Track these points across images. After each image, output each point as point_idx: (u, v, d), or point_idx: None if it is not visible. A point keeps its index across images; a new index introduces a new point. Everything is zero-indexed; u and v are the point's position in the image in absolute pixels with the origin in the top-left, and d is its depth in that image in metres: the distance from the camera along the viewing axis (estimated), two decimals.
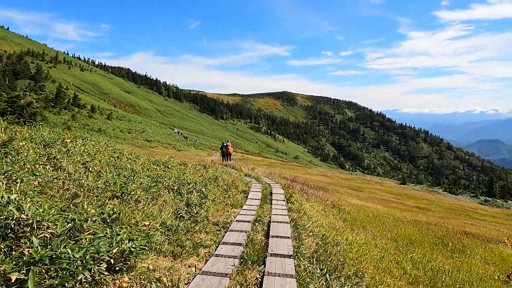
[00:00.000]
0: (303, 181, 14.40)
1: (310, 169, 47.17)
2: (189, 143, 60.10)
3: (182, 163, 9.10)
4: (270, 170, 27.40)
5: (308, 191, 9.23)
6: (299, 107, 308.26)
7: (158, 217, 3.74)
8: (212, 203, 5.57)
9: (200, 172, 8.16)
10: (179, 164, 8.88)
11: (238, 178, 9.06)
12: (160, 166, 7.61)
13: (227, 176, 8.32)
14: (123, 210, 3.26)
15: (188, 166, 8.91)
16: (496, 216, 22.82)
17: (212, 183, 7.04)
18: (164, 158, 8.17)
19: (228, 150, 22.25)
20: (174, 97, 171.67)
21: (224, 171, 9.46)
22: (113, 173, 5.14)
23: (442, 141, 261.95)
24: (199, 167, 9.30)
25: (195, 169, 8.76)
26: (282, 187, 9.06)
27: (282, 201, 7.00)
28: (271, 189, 8.62)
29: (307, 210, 6.15)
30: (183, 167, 8.43)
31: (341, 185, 26.18)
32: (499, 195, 62.45)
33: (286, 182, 10.44)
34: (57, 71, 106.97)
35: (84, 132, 46.09)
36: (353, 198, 15.03)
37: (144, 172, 6.09)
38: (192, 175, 7.37)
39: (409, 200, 23.21)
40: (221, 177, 7.81)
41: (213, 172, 8.45)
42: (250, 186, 8.69)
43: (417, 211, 15.30)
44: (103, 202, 3.37)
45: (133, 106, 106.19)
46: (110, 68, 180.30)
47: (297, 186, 9.74)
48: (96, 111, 65.33)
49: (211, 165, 10.88)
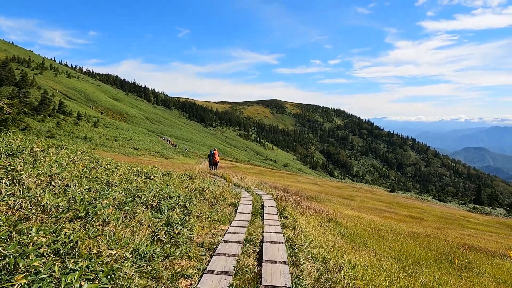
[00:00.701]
0: (295, 191, 13.86)
1: (300, 177, 46.70)
2: (177, 151, 59.15)
3: (166, 173, 8.43)
4: (260, 179, 26.81)
5: (302, 202, 8.66)
6: (288, 114, 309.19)
7: (130, 243, 3.09)
8: (197, 220, 4.94)
9: (186, 183, 7.52)
10: (163, 174, 8.22)
11: (227, 189, 8.44)
12: (141, 177, 6.95)
13: (215, 187, 7.70)
14: (82, 237, 2.62)
15: (173, 177, 8.26)
16: (488, 225, 22.61)
17: (198, 196, 6.41)
18: (147, 168, 7.52)
19: (215, 158, 21.84)
20: (163, 105, 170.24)
21: (211, 182, 8.82)
22: (83, 186, 4.50)
23: (429, 149, 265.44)
24: (185, 177, 8.64)
25: (181, 179, 8.11)
26: (274, 198, 8.46)
27: (275, 215, 6.41)
28: (262, 201, 8.01)
29: (303, 226, 5.58)
30: (167, 177, 7.77)
31: (332, 194, 25.72)
32: (486, 202, 62.98)
33: (278, 193, 9.87)
34: (43, 78, 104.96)
35: (69, 139, 44.93)
36: (347, 209, 14.53)
37: (122, 184, 5.44)
38: (176, 187, 6.74)
39: (401, 209, 22.85)
40: (208, 188, 7.18)
41: (199, 183, 7.80)
42: (239, 197, 8.09)
43: (411, 221, 14.87)
44: (60, 226, 2.74)
45: (121, 114, 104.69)
46: (98, 75, 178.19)
47: (289, 197, 9.17)
48: (82, 118, 63.97)
49: (198, 175, 10.25)
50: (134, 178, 6.41)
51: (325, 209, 9.35)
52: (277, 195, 8.96)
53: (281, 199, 8.25)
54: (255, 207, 7.09)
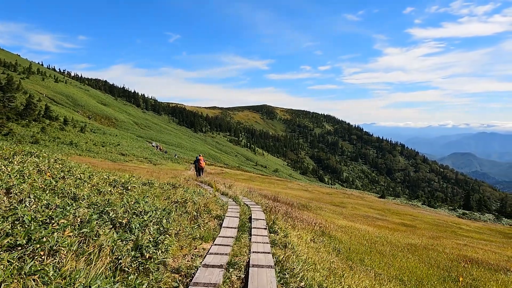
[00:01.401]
0: (286, 200, 13.31)
1: (291, 183, 46.23)
2: (166, 157, 58.18)
3: (147, 182, 7.79)
4: (250, 185, 26.20)
5: (293, 213, 8.10)
6: (278, 120, 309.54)
7: (80, 278, 2.47)
8: (175, 239, 4.33)
9: (167, 194, 6.90)
10: (143, 184, 7.58)
11: (212, 199, 7.83)
12: (117, 187, 6.32)
13: (199, 198, 7.09)
14: (7, 278, 2.01)
15: (155, 186, 7.63)
16: (480, 232, 22.36)
17: (179, 209, 5.80)
18: (125, 177, 6.89)
19: (201, 164, 21.49)
20: (153, 110, 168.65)
21: (196, 191, 8.19)
22: (41, 201, 3.88)
23: (417, 154, 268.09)
24: (167, 187, 8.01)
25: (163, 189, 7.49)
26: (263, 209, 7.84)
27: (264, 230, 5.84)
28: (250, 212, 7.41)
29: (294, 244, 5.02)
30: (148, 187, 7.15)
31: (323, 201, 25.26)
32: (475, 208, 63.43)
33: (267, 203, 9.29)
34: (30, 82, 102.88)
35: (54, 145, 43.70)
36: (339, 218, 14.03)
37: (92, 198, 4.81)
38: (156, 198, 6.13)
39: (393, 216, 22.48)
40: (191, 200, 6.56)
41: (182, 193, 7.19)
42: (226, 209, 7.49)
43: (405, 230, 14.44)
44: None
45: (109, 119, 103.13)
46: (86, 80, 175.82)
47: (280, 207, 8.60)
48: (68, 123, 62.55)
49: (183, 184, 9.63)
50: (109, 189, 5.78)
51: (317, 220, 8.82)
52: (266, 206, 8.37)
53: (271, 210, 7.66)
54: (242, 220, 6.50)
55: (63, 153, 40.28)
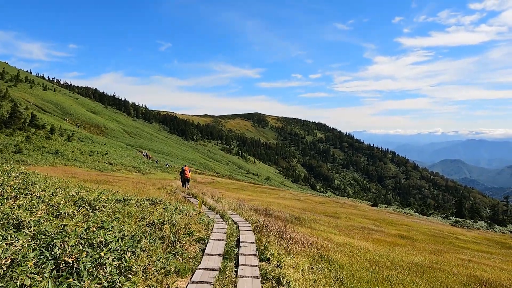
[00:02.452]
0: (278, 214, 12.47)
1: (283, 192, 45.39)
2: (155, 166, 56.94)
3: (122, 199, 6.90)
4: (240, 196, 25.33)
5: (286, 232, 7.26)
6: (270, 128, 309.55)
7: None
8: (142, 277, 3.49)
9: (143, 213, 6.03)
10: (117, 201, 6.68)
11: (195, 218, 6.95)
12: (84, 207, 5.44)
13: (180, 217, 6.22)
14: None
15: (131, 203, 6.74)
16: (478, 242, 21.77)
17: (154, 234, 4.94)
18: (94, 194, 6.00)
19: (186, 174, 20.91)
20: (143, 118, 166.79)
21: (178, 208, 7.28)
22: None
23: (408, 162, 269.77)
24: (145, 203, 7.11)
25: (140, 207, 6.61)
26: (253, 229, 6.99)
27: (254, 257, 5.00)
28: (238, 233, 6.56)
29: (290, 278, 4.20)
30: (121, 205, 6.26)
31: (316, 211, 24.47)
32: (468, 215, 63.17)
33: (259, 220, 8.44)
34: (17, 90, 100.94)
35: (38, 154, 42.26)
36: (335, 231, 13.23)
37: (43, 224, 3.94)
38: (128, 220, 5.26)
39: (389, 227, 21.78)
40: (170, 220, 5.70)
41: (161, 212, 6.31)
42: (211, 228, 6.62)
43: (404, 243, 13.70)
44: None
45: (98, 127, 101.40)
46: (76, 88, 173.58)
47: (272, 225, 7.76)
48: (55, 132, 61.02)
49: (165, 198, 8.74)
50: (71, 210, 4.90)
51: (313, 239, 8.00)
52: (257, 224, 7.50)
53: (262, 230, 6.79)
54: (229, 244, 5.63)
55: (47, 163, 38.96)
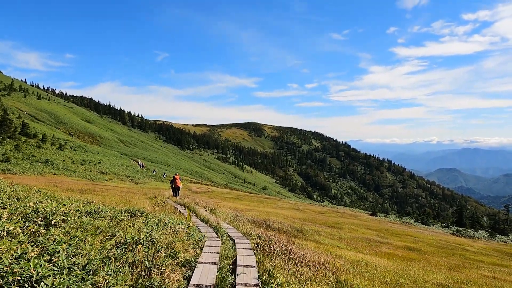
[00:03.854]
0: (278, 225, 11.28)
1: (281, 202, 44.10)
2: (149, 175, 55.52)
3: (92, 211, 5.71)
4: (237, 206, 24.06)
5: (293, 250, 6.06)
6: (266, 137, 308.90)
7: None
8: None
9: (116, 229, 4.85)
10: (87, 213, 5.50)
11: (182, 234, 5.72)
12: (35, 222, 4.26)
13: (162, 234, 5.03)
14: None
15: (103, 216, 5.54)
16: (488, 254, 20.60)
17: (123, 258, 3.77)
18: (51, 206, 4.84)
19: (177, 183, 19.95)
20: (139, 127, 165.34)
21: (162, 222, 6.07)
22: None
23: (404, 170, 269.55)
24: (122, 216, 5.91)
25: (114, 221, 5.42)
26: (253, 246, 5.75)
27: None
28: (235, 253, 5.32)
29: None
30: (90, 219, 5.07)
31: (317, 222, 23.27)
32: (468, 224, 62.15)
33: (258, 234, 7.23)
34: (11, 99, 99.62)
35: (27, 163, 40.75)
36: (341, 244, 12.05)
37: None
38: (92, 238, 4.08)
39: (394, 238, 20.59)
40: (148, 238, 4.51)
41: (138, 228, 5.11)
42: (202, 246, 5.42)
43: (417, 257, 12.54)
44: None
45: (93, 136, 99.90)
46: (71, 97, 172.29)
47: (274, 240, 6.55)
48: (47, 140, 59.55)
49: (151, 209, 7.55)
50: (12, 227, 3.73)
51: (323, 256, 6.83)
52: (257, 240, 6.28)
53: (264, 248, 5.59)
54: (223, 269, 4.37)
55: (35, 172, 37.52)
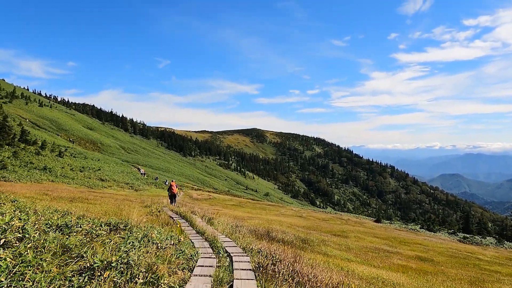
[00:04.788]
0: (282, 236, 10.39)
1: (283, 209, 43.10)
2: (150, 182, 54.68)
3: (64, 224, 4.86)
4: (238, 213, 23.12)
5: (301, 269, 5.14)
6: (268, 143, 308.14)
7: None
8: None
9: (85, 248, 4.00)
10: (57, 227, 4.64)
11: (173, 249, 4.85)
12: None
13: (143, 252, 4.17)
14: None
15: (78, 230, 4.69)
16: (503, 264, 19.58)
17: None
18: (6, 218, 3.99)
19: (173, 190, 19.43)
20: (141, 134, 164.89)
21: (147, 237, 5.19)
22: None
23: (408, 176, 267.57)
24: (101, 230, 5.06)
25: (89, 236, 4.58)
26: (254, 265, 4.85)
27: None
28: (232, 276, 4.41)
29: None
30: (55, 236, 4.21)
31: (322, 230, 22.30)
32: (475, 231, 60.87)
33: (260, 249, 6.36)
34: (12, 106, 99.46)
35: (24, 171, 40.00)
36: (351, 257, 11.13)
37: None
38: (42, 267, 3.24)
39: (403, 247, 19.60)
40: (123, 260, 3.66)
41: (114, 245, 4.25)
42: (192, 266, 4.57)
43: (433, 270, 11.60)
44: None
45: (94, 143, 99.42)
46: (73, 105, 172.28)
47: (278, 258, 5.66)
48: (46, 147, 58.89)
49: (137, 221, 6.70)
50: None
51: (335, 275, 5.92)
52: (259, 257, 5.41)
53: (267, 270, 4.66)
54: None
55: (32, 179, 36.73)
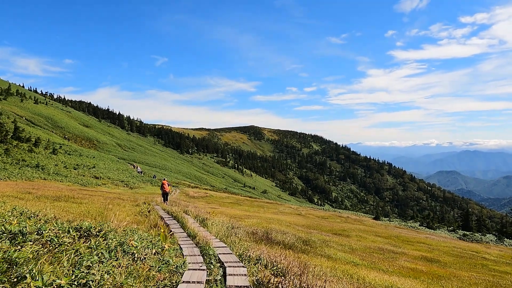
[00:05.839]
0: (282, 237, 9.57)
1: (282, 207, 42.33)
2: (145, 180, 53.75)
3: (19, 231, 3.99)
4: (235, 211, 22.26)
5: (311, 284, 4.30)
6: (266, 141, 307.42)
7: None
8: None
9: (30, 266, 3.14)
10: (10, 234, 3.80)
11: (154, 260, 4.02)
12: None
13: (112, 268, 3.35)
14: None
15: (35, 238, 3.83)
16: (509, 263, 18.86)
17: None
18: None
19: (165, 188, 18.80)
20: (138, 132, 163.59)
21: (122, 247, 4.34)
22: None
23: (405, 173, 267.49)
24: (67, 237, 4.21)
25: (48, 246, 3.73)
26: (252, 280, 4.00)
27: None
28: None
29: None
30: (6, 246, 3.38)
31: (322, 229, 21.51)
32: (475, 228, 60.35)
33: (259, 257, 5.53)
34: (7, 103, 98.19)
35: (16, 168, 38.98)
36: (357, 261, 10.33)
37: None
38: None
39: (408, 247, 18.84)
40: (81, 280, 2.85)
41: (71, 260, 3.39)
42: (177, 283, 3.75)
43: (445, 274, 10.83)
44: None
45: (90, 141, 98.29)
46: (70, 102, 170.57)
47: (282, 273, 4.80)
48: (40, 144, 57.84)
49: (122, 222, 5.86)
50: None
51: (344, 284, 5.14)
52: (258, 267, 4.59)
53: (268, 287, 3.88)
54: None
55: (23, 177, 35.72)
